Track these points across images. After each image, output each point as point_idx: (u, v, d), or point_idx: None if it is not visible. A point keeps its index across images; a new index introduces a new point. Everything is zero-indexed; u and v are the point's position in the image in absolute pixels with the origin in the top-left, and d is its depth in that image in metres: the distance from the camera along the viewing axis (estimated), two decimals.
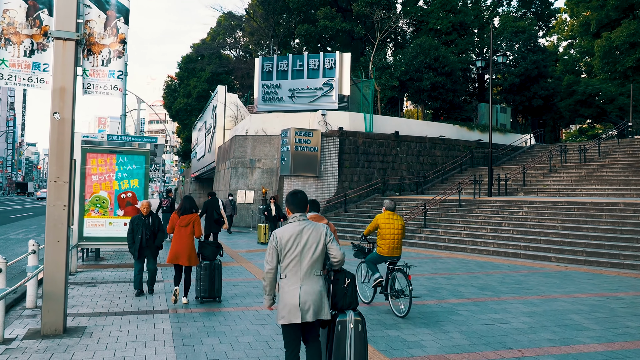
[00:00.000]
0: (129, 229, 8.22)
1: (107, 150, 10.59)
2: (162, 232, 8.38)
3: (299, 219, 4.01)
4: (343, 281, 4.10)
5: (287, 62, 25.23)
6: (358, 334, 3.98)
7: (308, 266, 3.91)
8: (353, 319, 3.99)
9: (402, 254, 14.29)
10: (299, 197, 4.11)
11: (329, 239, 3.98)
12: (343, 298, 4.07)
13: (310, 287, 3.89)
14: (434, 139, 26.35)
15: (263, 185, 23.71)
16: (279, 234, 3.95)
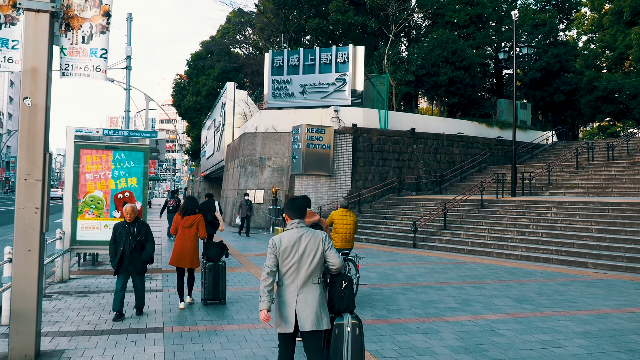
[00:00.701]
0: (110, 238, 6.88)
1: (103, 146, 9.66)
2: (151, 243, 6.92)
3: (297, 226, 3.98)
4: (340, 284, 4.04)
5: (298, 57, 24.22)
6: (355, 337, 3.93)
7: (306, 274, 3.86)
8: (350, 322, 3.95)
9: (424, 259, 13.19)
10: (298, 202, 4.07)
11: (328, 247, 3.94)
12: (340, 301, 4.02)
13: (308, 296, 3.85)
14: (452, 136, 25.21)
15: (273, 185, 22.74)
16: (277, 240, 3.91)
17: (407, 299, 8.47)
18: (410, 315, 7.34)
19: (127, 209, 6.86)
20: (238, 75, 44.23)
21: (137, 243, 6.81)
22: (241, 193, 23.43)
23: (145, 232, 6.95)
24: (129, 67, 17.58)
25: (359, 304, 7.95)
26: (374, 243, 17.43)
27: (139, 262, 6.88)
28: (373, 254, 14.49)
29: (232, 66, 44.05)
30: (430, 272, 11.33)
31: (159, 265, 11.63)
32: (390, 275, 10.89)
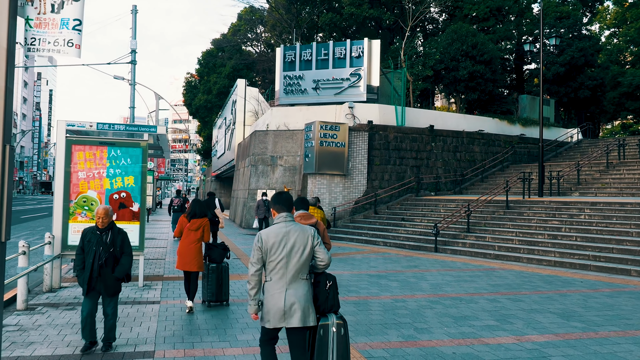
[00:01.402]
0: (77, 247, 5.53)
1: (97, 141, 8.76)
2: (127, 256, 5.55)
3: (285, 220, 3.92)
4: (324, 284, 3.98)
5: (311, 51, 23.25)
6: (340, 337, 3.87)
7: (295, 269, 3.82)
8: (335, 323, 3.88)
9: (448, 265, 12.12)
10: (284, 196, 4.03)
11: (317, 242, 3.90)
12: (325, 301, 3.95)
13: (297, 291, 3.81)
14: (472, 134, 24.05)
15: (285, 184, 21.79)
16: (264, 236, 3.84)
17: (436, 314, 7.44)
18: (443, 335, 6.32)
19: (100, 212, 5.49)
20: (250, 73, 43.43)
21: (109, 255, 5.38)
22: (252, 193, 22.52)
23: (121, 242, 5.54)
24: (133, 61, 16.76)
25: (382, 320, 6.98)
26: (392, 246, 16.40)
27: (111, 280, 5.41)
28: (392, 259, 13.46)
29: (244, 64, 43.26)
30: (457, 281, 10.28)
31: (161, 271, 10.72)
32: (414, 284, 9.87)
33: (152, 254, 13.59)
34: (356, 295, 8.70)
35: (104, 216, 5.47)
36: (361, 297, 8.50)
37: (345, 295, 8.67)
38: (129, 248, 5.60)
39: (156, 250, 14.47)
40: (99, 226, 5.47)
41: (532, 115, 28.02)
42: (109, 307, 5.48)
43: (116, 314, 5.54)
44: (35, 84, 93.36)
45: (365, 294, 8.77)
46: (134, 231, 8.79)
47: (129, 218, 8.78)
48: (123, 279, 5.55)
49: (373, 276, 10.70)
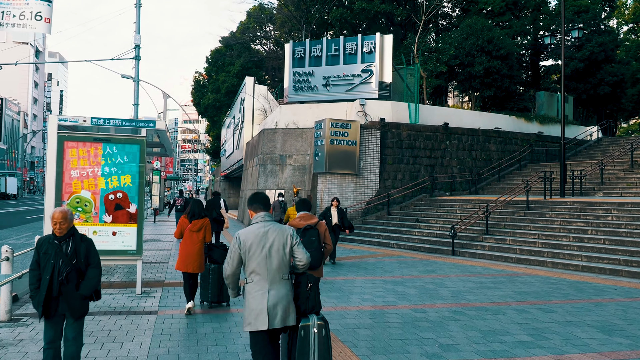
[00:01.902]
0: (32, 261, 4.38)
1: (91, 137, 8.12)
2: (95, 269, 4.41)
3: (263, 219, 3.86)
4: (305, 284, 3.90)
5: (321, 47, 22.54)
6: (322, 338, 3.81)
7: (275, 269, 3.77)
8: (316, 324, 3.82)
9: (467, 269, 11.33)
10: (261, 196, 4.00)
11: (296, 242, 3.86)
12: (306, 302, 3.88)
13: (279, 292, 3.76)
14: (488, 132, 23.20)
15: (294, 184, 21.11)
16: (243, 236, 3.79)
17: (462, 327, 6.70)
18: (472, 354, 5.59)
19: (56, 216, 4.30)
20: (259, 71, 42.84)
21: (71, 269, 4.25)
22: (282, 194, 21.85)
23: (86, 251, 4.37)
24: (137, 57, 16.16)
25: (401, 335, 6.26)
26: (406, 249, 15.64)
27: (76, 300, 4.27)
28: (407, 263, 12.71)
29: (253, 62, 42.70)
30: (480, 288, 9.52)
31: (162, 276, 10.07)
32: (433, 291, 9.13)
33: (154, 256, 12.96)
34: (372, 304, 7.98)
35: (62, 221, 4.29)
36: (377, 307, 7.78)
37: (359, 304, 7.95)
38: (96, 258, 4.45)
39: (159, 252, 13.85)
40: (57, 234, 4.29)
41: (549, 113, 27.10)
42: (71, 331, 4.31)
43: (81, 340, 4.40)
44: (45, 85, 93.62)
45: (382, 303, 8.05)
46: (130, 234, 8.15)
47: (126, 220, 8.14)
48: (91, 297, 4.39)
49: (388, 282, 9.98)
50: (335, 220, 12.67)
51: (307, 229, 5.63)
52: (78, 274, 4.31)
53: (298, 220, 5.74)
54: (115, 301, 7.70)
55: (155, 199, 27.13)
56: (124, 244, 8.13)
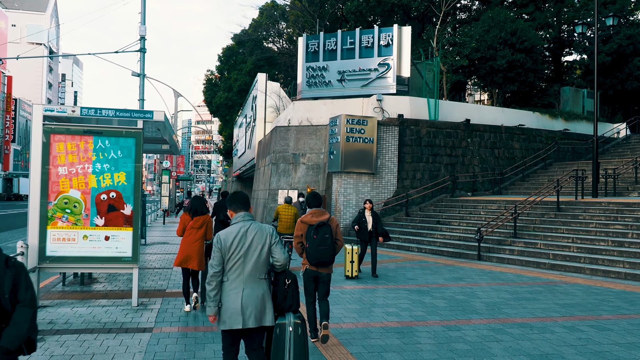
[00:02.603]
0: None
1: (81, 130, 7.24)
2: (25, 308, 2.88)
3: (243, 219, 3.85)
4: (283, 282, 3.88)
5: (336, 40, 21.57)
6: (297, 337, 3.79)
7: (252, 269, 3.76)
8: (293, 322, 3.81)
9: (497, 276, 10.26)
10: (240, 196, 3.97)
11: (274, 241, 3.86)
12: (283, 300, 3.85)
13: (253, 291, 3.73)
14: (511, 129, 22.04)
15: (308, 184, 20.17)
16: (223, 236, 3.76)
17: (506, 350, 5.69)
18: None
19: None
20: (271, 69, 41.99)
21: None
22: (272, 193, 20.95)
23: (13, 283, 2.88)
24: (142, 49, 15.34)
25: (435, 358, 5.27)
26: (428, 253, 14.61)
27: None
28: (431, 269, 11.69)
29: (265, 60, 41.83)
30: (517, 299, 8.48)
31: (164, 284, 9.18)
32: (465, 303, 8.11)
33: (159, 261, 12.10)
34: (397, 319, 7.00)
35: None
36: (404, 323, 6.79)
37: (383, 319, 6.97)
38: (28, 293, 2.93)
39: (165, 257, 12.99)
40: None
41: (575, 109, 25.84)
42: None
43: None
44: (59, 86, 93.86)
45: (409, 318, 7.06)
46: (125, 239, 7.26)
47: (120, 223, 7.25)
48: (20, 350, 2.91)
49: (413, 292, 8.98)
50: (371, 226, 10.62)
51: (320, 226, 5.54)
52: (1, 316, 2.85)
53: (310, 216, 5.66)
54: (107, 315, 6.81)
55: (165, 199, 26.37)
56: (118, 250, 7.25)
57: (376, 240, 10.67)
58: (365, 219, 10.63)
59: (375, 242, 10.72)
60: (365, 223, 10.59)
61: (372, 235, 10.63)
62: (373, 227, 10.59)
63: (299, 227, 5.70)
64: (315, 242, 5.48)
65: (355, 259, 10.22)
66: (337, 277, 10.31)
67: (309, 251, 5.52)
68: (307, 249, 5.55)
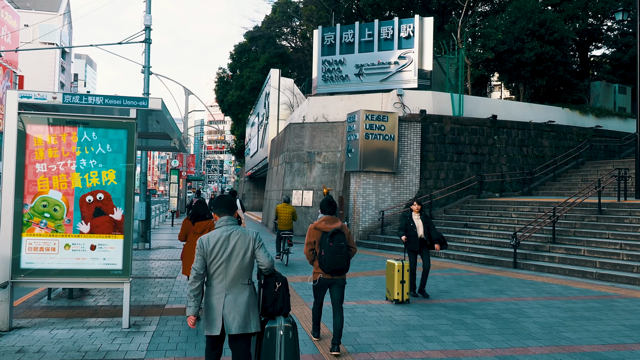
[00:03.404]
0: None
1: (63, 120, 6.14)
2: None
3: (226, 223, 3.81)
4: (274, 285, 3.83)
5: (353, 32, 20.38)
6: (288, 341, 3.73)
7: (235, 274, 3.69)
8: (283, 326, 3.76)
9: (541, 288, 8.90)
10: (225, 199, 3.92)
11: (258, 245, 3.78)
12: (273, 303, 3.80)
13: (236, 297, 3.68)
14: (540, 126, 20.65)
15: (324, 184, 19.00)
16: (205, 240, 3.72)
17: None
18: None
19: None
20: (284, 67, 40.88)
21: None
22: (286, 194, 19.81)
23: None
24: (148, 40, 14.28)
25: None
26: (457, 260, 13.36)
27: None
28: (465, 279, 10.43)
29: (278, 58, 40.76)
30: (574, 318, 7.22)
31: (165, 298, 8.06)
32: (515, 324, 6.87)
33: (162, 269, 11.00)
34: (440, 347, 5.78)
35: None
36: (450, 353, 5.58)
37: (423, 346, 5.76)
38: None
39: (170, 264, 11.88)
40: None
41: (606, 105, 24.34)
42: None
43: None
44: (72, 86, 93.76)
45: (454, 346, 5.84)
46: (115, 248, 6.15)
47: (108, 230, 6.13)
48: None
49: (451, 309, 7.75)
50: (422, 233, 8.56)
51: (335, 233, 5.41)
52: None
53: (324, 223, 5.53)
54: (90, 341, 5.68)
55: (174, 200, 25.37)
56: (106, 262, 6.13)
57: (428, 250, 8.67)
58: (413, 223, 8.58)
59: (428, 253, 8.69)
60: (414, 229, 8.53)
61: (424, 244, 8.61)
62: (425, 234, 8.57)
63: (312, 233, 5.58)
64: (332, 249, 5.36)
65: (407, 278, 8.01)
66: (379, 299, 9.11)
67: (325, 258, 5.37)
68: (323, 256, 5.39)
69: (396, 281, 7.91)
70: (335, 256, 5.33)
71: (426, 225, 8.60)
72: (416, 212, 8.74)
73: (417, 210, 8.75)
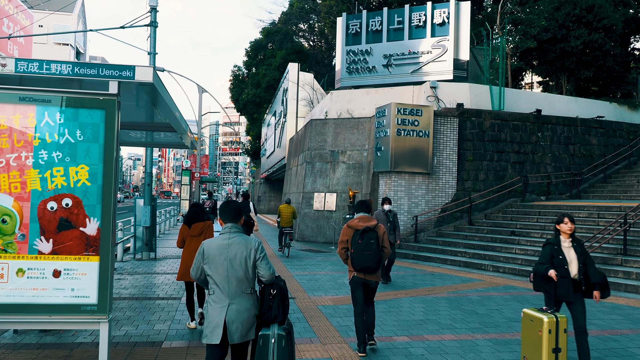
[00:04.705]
0: None
1: (15, 96, 4.45)
2: None
3: (229, 230, 3.77)
4: (268, 292, 3.72)
5: (381, 19, 18.58)
6: (281, 349, 3.61)
7: (236, 283, 3.64)
8: (276, 334, 3.64)
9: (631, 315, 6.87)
10: (232, 206, 3.88)
11: (259, 256, 3.71)
12: (268, 311, 3.70)
13: (240, 306, 3.64)
14: (588, 122, 18.62)
15: (350, 186, 17.21)
16: (206, 246, 3.71)
17: None
18: None
19: None
20: (302, 64, 39.12)
21: None
22: (307, 197, 18.06)
23: None
24: (153, 22, 12.66)
25: None
26: (508, 274, 11.46)
27: None
28: (530, 301, 8.51)
29: (296, 55, 39.07)
30: None
31: (162, 331, 6.32)
32: None
33: (166, 287, 9.29)
34: None
35: None
36: None
37: None
38: None
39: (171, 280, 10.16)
40: None
41: None
42: None
43: None
44: None
45: None
46: (88, 275, 4.44)
47: (78, 249, 4.42)
48: None
49: None
50: (575, 271, 5.03)
51: (365, 231, 5.34)
52: None
53: (357, 221, 5.48)
54: None
55: (185, 203, 23.77)
56: (75, 294, 4.42)
57: (583, 298, 5.11)
58: (563, 255, 5.09)
59: (583, 305, 5.10)
60: (564, 264, 5.04)
61: (578, 288, 5.09)
62: (580, 272, 5.06)
63: (345, 232, 5.54)
64: (360, 246, 5.31)
65: (563, 345, 4.80)
66: (436, 332, 7.28)
67: (354, 256, 5.34)
68: (352, 254, 5.37)
69: (545, 349, 4.76)
70: (364, 253, 5.26)
71: (582, 257, 5.11)
72: (567, 235, 5.17)
73: (570, 232, 5.15)
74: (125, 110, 6.05)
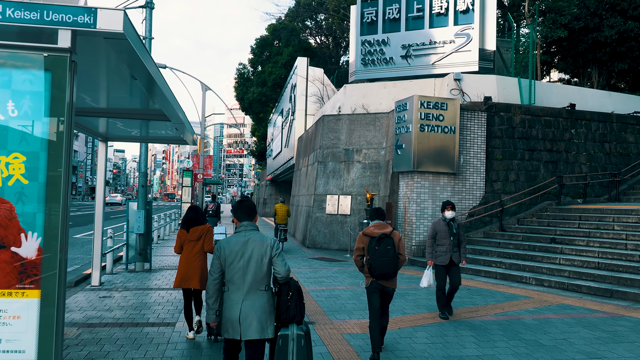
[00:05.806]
0: None
1: None
2: None
3: (245, 228, 3.79)
4: (286, 293, 3.79)
5: (399, 6, 17.11)
6: (300, 349, 3.68)
7: (252, 280, 3.67)
8: (295, 334, 3.70)
9: None
10: (246, 204, 3.88)
11: (275, 253, 3.73)
12: (286, 311, 3.76)
13: (254, 303, 3.66)
14: (624, 117, 17.08)
15: (367, 188, 15.72)
16: (224, 244, 3.73)
17: None
18: None
19: None
20: (310, 62, 37.72)
21: None
22: (319, 199, 16.58)
23: None
24: (149, 3, 11.27)
25: None
26: (556, 288, 9.92)
27: None
28: (598, 326, 6.98)
29: (303, 52, 37.65)
30: None
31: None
32: None
33: (159, 308, 7.81)
34: None
35: None
36: None
37: None
38: None
39: (172, 296, 8.69)
40: None
41: None
42: None
43: None
44: None
45: None
46: (22, 318, 2.97)
47: (7, 279, 2.94)
48: None
49: None
50: None
51: (382, 238, 5.33)
52: None
53: (373, 228, 5.48)
54: None
55: (187, 206, 22.32)
56: (3, 347, 2.94)
57: None
58: None
59: None
60: None
61: None
62: None
63: (361, 239, 5.51)
64: (377, 253, 5.29)
65: None
66: None
67: (371, 262, 5.31)
68: (369, 261, 5.33)
69: None
70: (381, 259, 5.26)
71: None
72: None
73: None
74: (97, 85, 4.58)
